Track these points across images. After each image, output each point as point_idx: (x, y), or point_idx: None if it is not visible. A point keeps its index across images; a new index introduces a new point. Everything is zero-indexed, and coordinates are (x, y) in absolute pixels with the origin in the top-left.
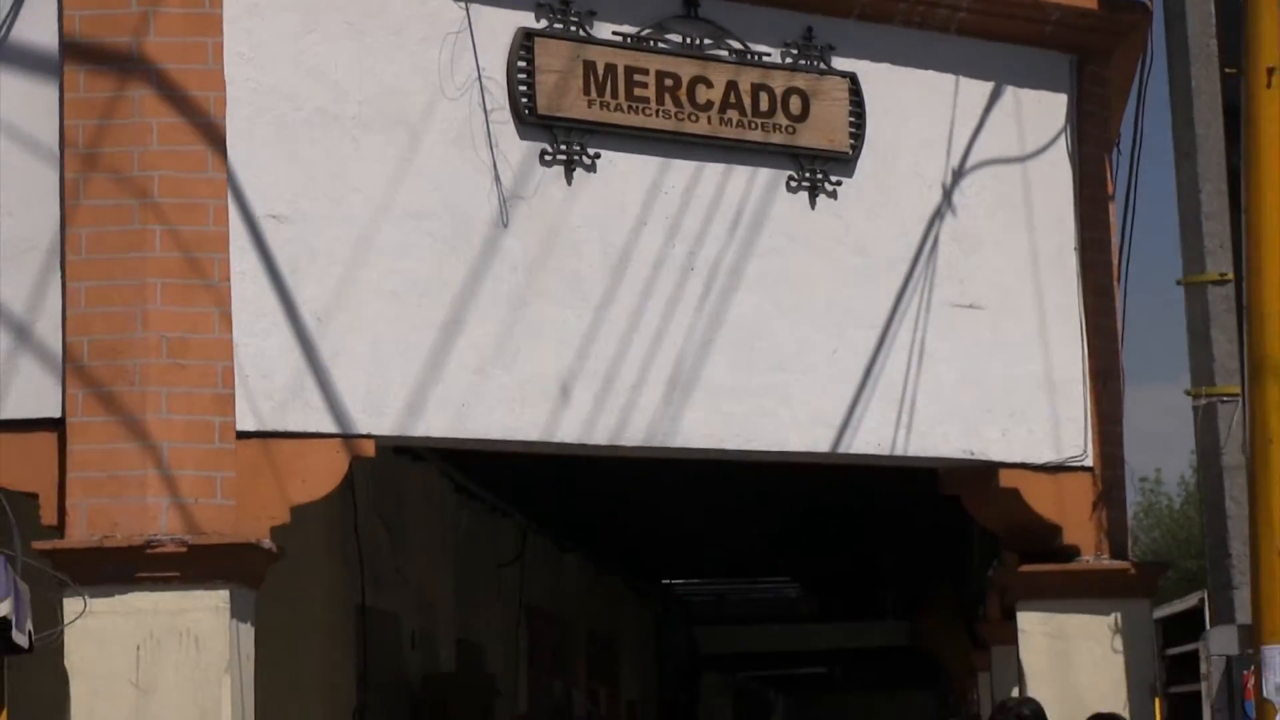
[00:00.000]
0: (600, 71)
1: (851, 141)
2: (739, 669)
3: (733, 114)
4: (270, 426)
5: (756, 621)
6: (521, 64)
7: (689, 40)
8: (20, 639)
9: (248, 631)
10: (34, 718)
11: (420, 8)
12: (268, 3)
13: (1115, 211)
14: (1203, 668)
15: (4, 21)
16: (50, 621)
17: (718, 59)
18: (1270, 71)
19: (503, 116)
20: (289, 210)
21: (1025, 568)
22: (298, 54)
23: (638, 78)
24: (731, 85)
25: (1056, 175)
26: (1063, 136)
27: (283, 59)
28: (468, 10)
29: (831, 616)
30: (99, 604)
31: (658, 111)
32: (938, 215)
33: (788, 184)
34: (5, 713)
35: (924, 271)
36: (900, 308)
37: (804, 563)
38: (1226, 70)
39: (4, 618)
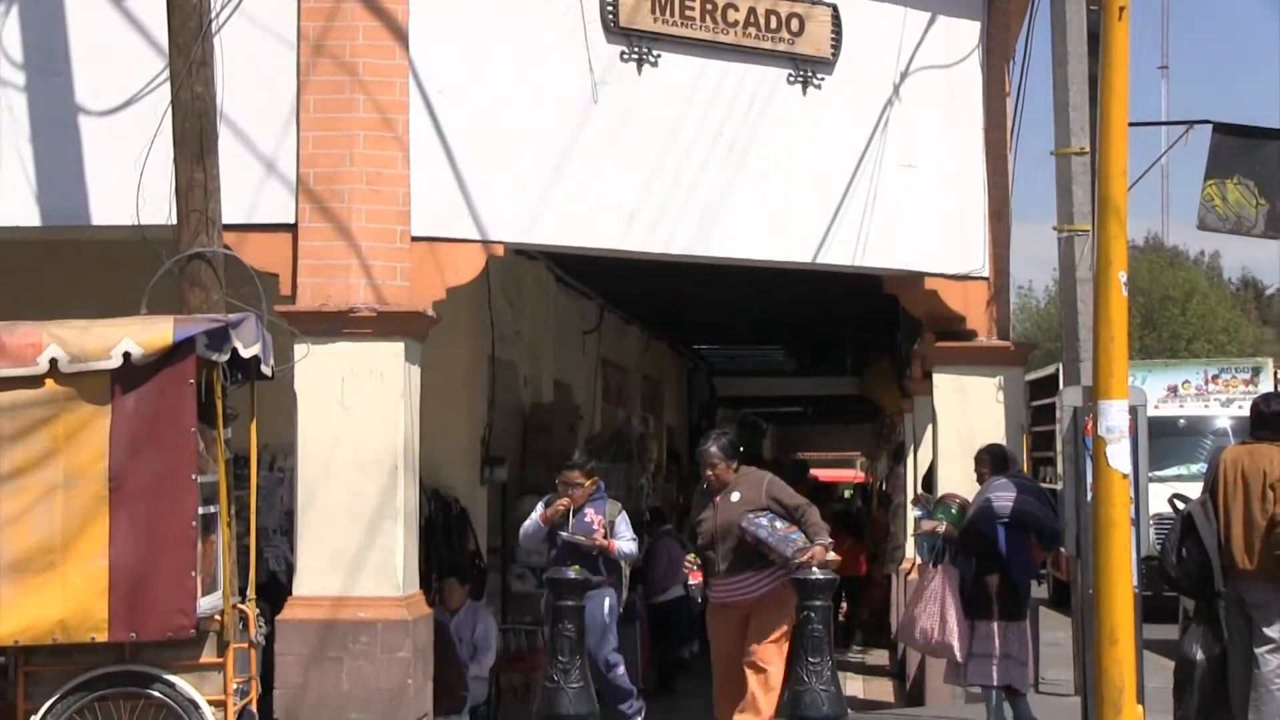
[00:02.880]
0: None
1: (832, 51)
2: (742, 407)
3: (751, 30)
4: (434, 233)
5: (754, 375)
6: None
7: None
8: (266, 371)
9: (415, 371)
10: (273, 424)
11: None
12: None
13: (1010, 103)
14: (1058, 414)
15: None
16: (284, 360)
17: None
18: (1120, 9)
19: (595, 28)
20: (450, 87)
21: (940, 344)
22: None
23: (687, 3)
24: (751, 10)
25: (970, 77)
26: (976, 51)
27: None
28: None
29: (806, 373)
30: (317, 349)
31: (700, 27)
32: (889, 103)
33: (787, 79)
34: (255, 420)
35: (879, 141)
36: (861, 165)
37: (788, 335)
38: (1090, 7)
39: (256, 356)
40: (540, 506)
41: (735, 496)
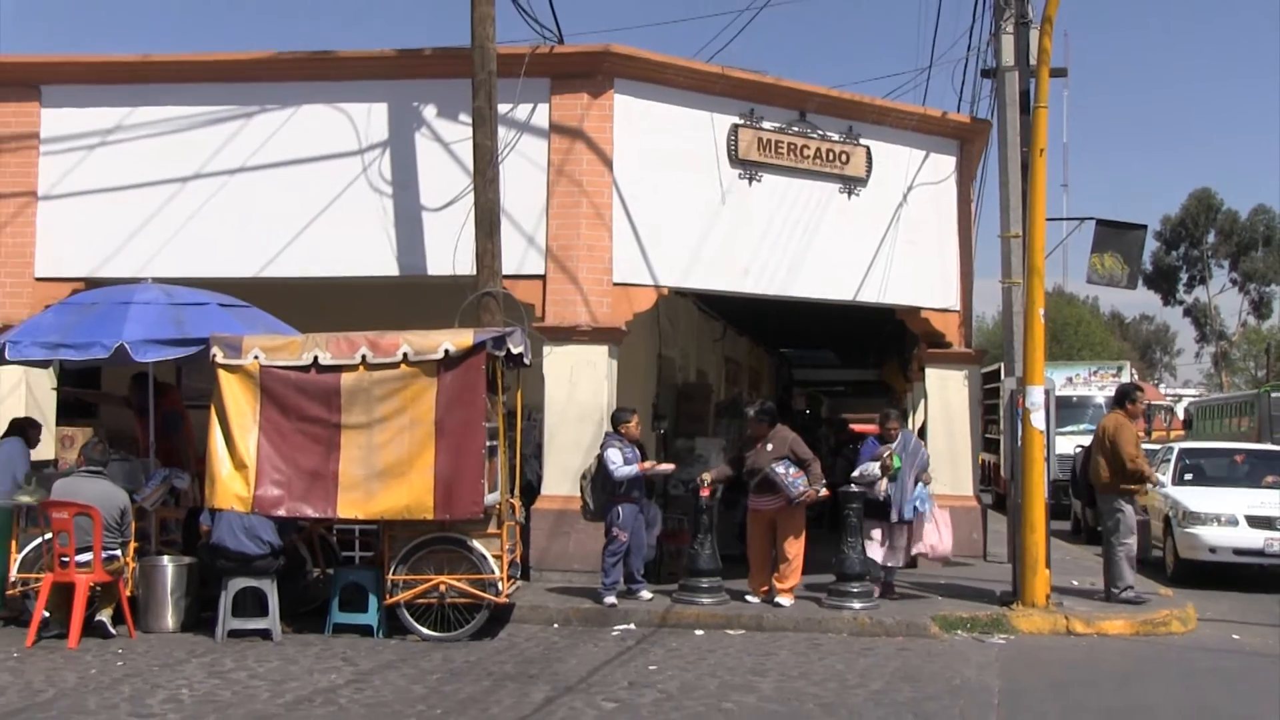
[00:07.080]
0: (764, 141)
1: (866, 174)
2: (809, 387)
3: (818, 161)
4: (626, 280)
5: (816, 367)
6: (732, 139)
7: (800, 130)
8: (527, 361)
9: (614, 363)
10: (531, 393)
11: (690, 118)
12: (636, 115)
13: (973, 205)
14: (1001, 394)
15: (529, 115)
16: (538, 355)
17: (812, 138)
18: (1041, 150)
19: (724, 160)
20: (636, 194)
21: (929, 351)
22: (642, 134)
23: (778, 144)
24: (818, 149)
25: (949, 190)
26: (953, 174)
27: (638, 136)
28: (712, 119)
29: (847, 366)
30: (557, 350)
31: (787, 158)
32: (900, 205)
33: (838, 190)
34: (520, 390)
35: (894, 228)
36: (883, 244)
37: (837, 342)
38: (1023, 149)
39: (521, 352)
40: (617, 454)
41: (769, 447)
